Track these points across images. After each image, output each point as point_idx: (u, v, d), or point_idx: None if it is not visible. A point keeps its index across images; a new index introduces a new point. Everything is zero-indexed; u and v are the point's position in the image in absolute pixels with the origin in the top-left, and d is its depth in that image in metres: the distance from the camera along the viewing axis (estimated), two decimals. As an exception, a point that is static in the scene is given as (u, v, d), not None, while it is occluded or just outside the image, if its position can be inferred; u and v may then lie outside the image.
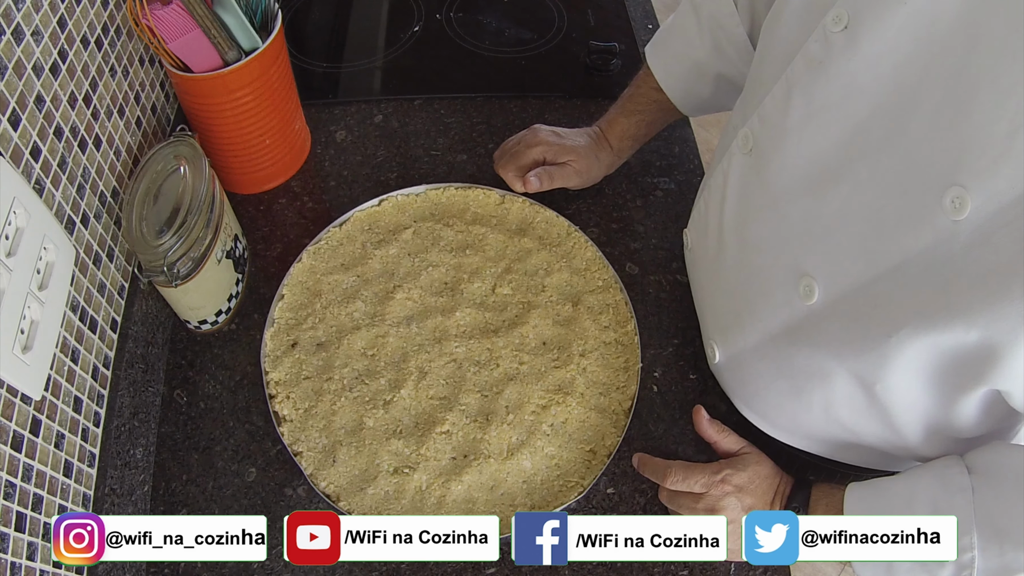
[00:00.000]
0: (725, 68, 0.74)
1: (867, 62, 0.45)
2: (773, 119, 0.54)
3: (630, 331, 0.75)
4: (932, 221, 0.43)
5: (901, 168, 0.44)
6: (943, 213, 0.42)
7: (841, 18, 0.47)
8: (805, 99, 0.50)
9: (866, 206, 0.47)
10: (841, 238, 0.50)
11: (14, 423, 0.49)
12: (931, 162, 0.43)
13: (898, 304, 0.47)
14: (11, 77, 0.52)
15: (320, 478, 0.66)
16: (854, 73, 0.46)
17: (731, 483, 0.61)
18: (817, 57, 0.49)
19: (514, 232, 0.82)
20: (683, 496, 0.63)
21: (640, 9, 1.11)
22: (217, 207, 0.70)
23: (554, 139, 0.82)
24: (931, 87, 0.42)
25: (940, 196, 0.42)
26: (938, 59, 0.42)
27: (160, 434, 0.70)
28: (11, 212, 0.49)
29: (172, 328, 0.76)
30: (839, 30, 0.47)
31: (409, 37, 1.04)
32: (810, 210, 0.52)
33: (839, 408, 0.58)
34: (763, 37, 0.60)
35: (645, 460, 0.67)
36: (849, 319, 0.51)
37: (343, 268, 0.79)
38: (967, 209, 0.41)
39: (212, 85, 0.73)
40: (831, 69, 0.48)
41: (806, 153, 0.51)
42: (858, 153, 0.47)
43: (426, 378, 0.71)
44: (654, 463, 0.66)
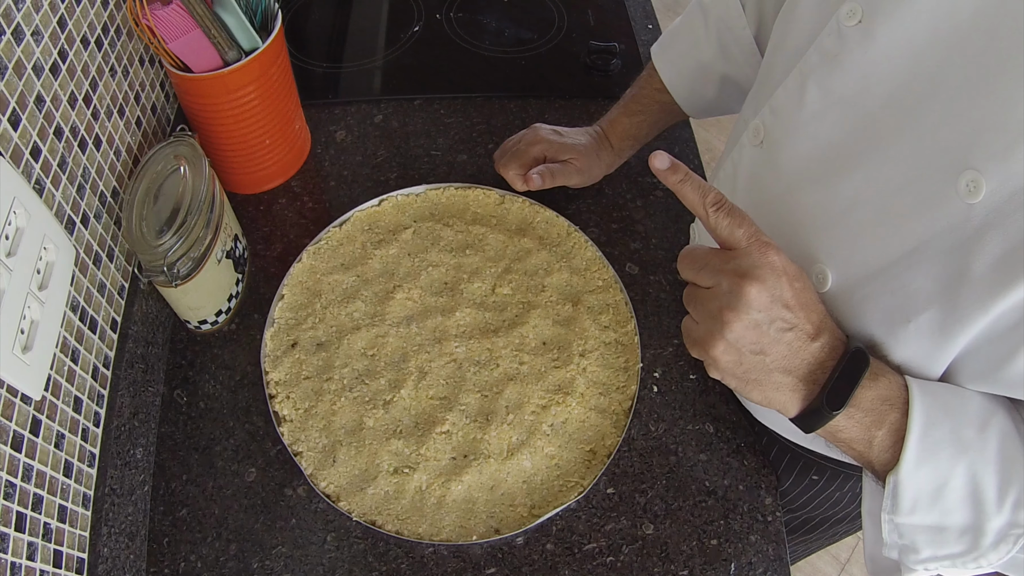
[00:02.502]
0: (731, 70, 0.74)
1: (883, 54, 0.45)
2: (786, 111, 0.54)
3: (630, 331, 0.75)
4: (946, 205, 0.43)
5: (915, 154, 0.44)
6: (957, 197, 0.42)
7: (855, 12, 0.46)
8: (820, 92, 0.50)
9: (879, 192, 0.47)
10: (854, 225, 0.49)
11: (14, 423, 0.49)
12: (946, 147, 0.43)
13: (914, 290, 0.46)
14: (11, 77, 0.52)
15: (320, 478, 0.66)
16: (869, 65, 0.46)
17: (778, 256, 0.46)
18: (831, 51, 0.49)
19: (514, 232, 0.82)
20: (712, 256, 0.48)
21: (640, 9, 1.11)
22: (217, 207, 0.70)
23: (555, 137, 0.82)
24: (948, 75, 0.42)
25: (955, 180, 0.42)
26: (956, 48, 0.42)
27: (160, 434, 0.70)
28: (11, 212, 0.49)
29: (172, 328, 0.76)
30: (853, 24, 0.47)
31: (409, 37, 1.04)
32: (822, 199, 0.52)
33: None
34: (776, 30, 0.60)
35: (679, 167, 0.48)
36: (864, 306, 0.50)
37: (343, 268, 0.79)
38: (982, 192, 0.40)
39: (212, 85, 0.73)
40: (846, 62, 0.48)
41: (819, 143, 0.51)
42: (872, 141, 0.47)
43: (426, 378, 0.71)
44: (696, 181, 0.48)
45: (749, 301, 0.45)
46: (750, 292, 0.45)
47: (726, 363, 0.48)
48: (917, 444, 0.45)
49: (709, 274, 0.47)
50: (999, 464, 0.45)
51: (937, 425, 0.46)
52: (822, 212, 0.52)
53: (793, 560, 0.99)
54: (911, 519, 0.47)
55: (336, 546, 0.65)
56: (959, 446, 0.45)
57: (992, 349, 0.45)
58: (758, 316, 0.46)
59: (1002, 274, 0.41)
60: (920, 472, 0.46)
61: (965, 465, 0.45)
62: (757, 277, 0.45)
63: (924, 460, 0.45)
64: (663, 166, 0.47)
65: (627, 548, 0.65)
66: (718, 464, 0.70)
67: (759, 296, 0.45)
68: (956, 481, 0.45)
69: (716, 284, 0.47)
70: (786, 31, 0.57)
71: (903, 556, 0.49)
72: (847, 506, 0.74)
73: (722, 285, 0.46)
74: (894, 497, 0.47)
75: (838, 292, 0.52)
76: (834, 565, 1.55)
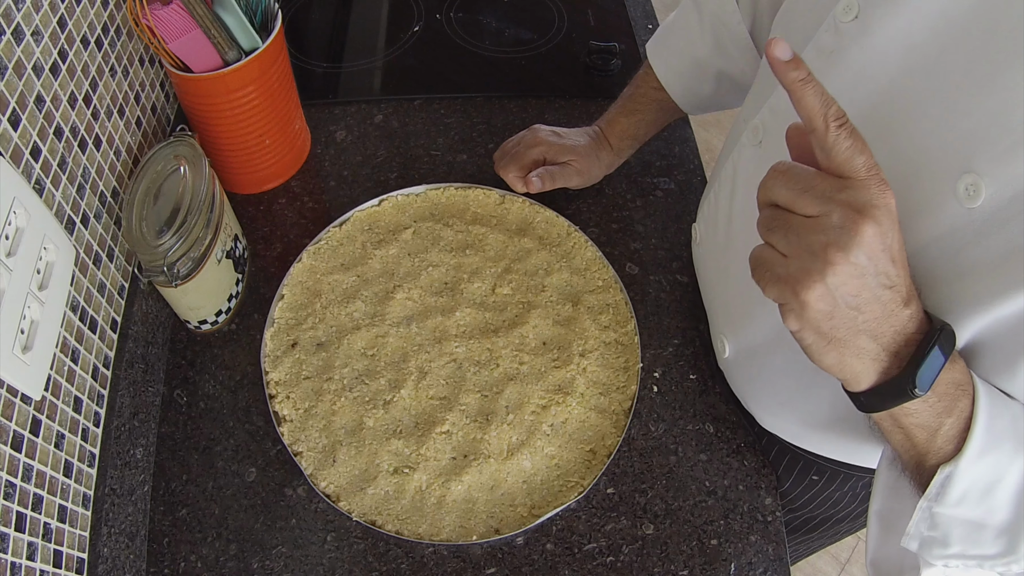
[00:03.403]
0: (726, 66, 0.74)
1: (880, 50, 0.45)
2: (784, 111, 0.54)
3: (630, 331, 0.75)
4: (945, 208, 0.42)
5: (914, 155, 0.44)
6: (957, 201, 0.41)
7: (851, 8, 0.46)
8: None
9: None
10: None
11: (14, 423, 0.49)
12: (944, 149, 0.42)
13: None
14: (11, 77, 0.52)
15: (320, 478, 0.66)
16: (866, 63, 0.46)
17: (894, 201, 0.40)
18: (828, 47, 0.48)
19: (514, 232, 0.82)
20: (821, 179, 0.40)
21: (640, 9, 1.11)
22: (217, 207, 0.70)
23: (554, 139, 0.82)
24: (945, 73, 0.42)
25: (954, 183, 0.41)
26: (954, 46, 0.41)
27: (160, 434, 0.70)
28: (11, 212, 0.49)
29: (172, 328, 0.76)
30: (850, 20, 0.46)
31: (409, 37, 1.04)
32: None
33: (849, 403, 0.57)
34: (775, 28, 0.60)
35: (801, 63, 0.40)
36: None
37: (343, 268, 0.79)
38: (981, 197, 0.40)
39: (212, 85, 0.73)
40: (843, 59, 0.47)
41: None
42: (870, 141, 0.47)
43: (426, 378, 0.71)
44: (819, 86, 0.40)
45: (862, 242, 0.38)
46: (866, 232, 0.38)
47: (816, 312, 0.40)
48: (983, 434, 0.42)
49: (816, 199, 0.39)
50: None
51: (1000, 416, 0.43)
52: None
53: (793, 560, 0.99)
54: (955, 511, 0.44)
55: (336, 546, 0.65)
56: (1019, 440, 0.42)
57: (992, 356, 0.45)
58: (866, 264, 0.39)
59: (1002, 279, 0.41)
60: (980, 463, 0.42)
61: (1021, 461, 0.42)
62: (874, 217, 0.38)
63: (987, 451, 0.42)
64: (784, 56, 0.39)
65: (627, 548, 0.65)
66: (718, 464, 0.70)
67: (873, 241, 0.38)
68: (1011, 477, 0.42)
69: (824, 213, 0.39)
70: (785, 29, 0.57)
71: (925, 549, 0.46)
72: (847, 506, 0.74)
73: (832, 217, 0.38)
74: (943, 486, 0.43)
75: None
76: (834, 565, 1.55)
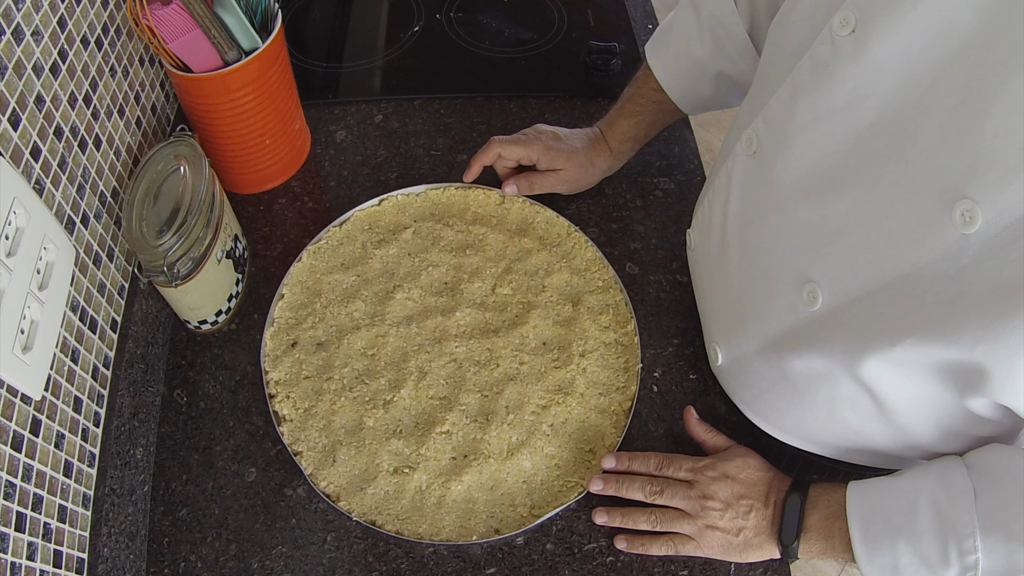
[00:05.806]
0: (726, 66, 0.74)
1: (875, 67, 0.44)
2: (777, 122, 0.54)
3: (630, 331, 0.75)
4: (941, 234, 0.42)
5: (909, 177, 0.44)
6: (952, 226, 0.41)
7: (848, 21, 0.45)
8: (810, 103, 0.49)
9: (872, 215, 0.47)
10: (846, 246, 0.49)
11: (14, 423, 0.49)
12: (941, 173, 0.42)
13: (903, 315, 0.46)
14: (11, 77, 0.52)
15: (320, 478, 0.66)
16: (861, 78, 0.45)
17: (718, 470, 0.62)
18: (823, 60, 0.48)
19: (514, 232, 0.82)
20: (676, 485, 0.63)
21: (640, 9, 1.11)
22: (217, 207, 0.70)
23: (553, 143, 0.82)
24: (942, 95, 0.41)
25: (950, 208, 0.41)
26: (951, 66, 0.40)
27: (160, 434, 0.70)
28: (11, 212, 0.49)
29: (172, 328, 0.76)
30: (846, 34, 0.46)
31: (409, 37, 1.04)
32: (814, 216, 0.51)
33: (844, 411, 0.58)
34: (770, 38, 0.59)
35: (622, 457, 0.66)
36: (853, 327, 0.50)
37: (343, 268, 0.79)
38: (977, 223, 0.40)
39: (212, 85, 0.73)
40: (837, 73, 0.47)
41: (810, 158, 0.51)
42: (864, 160, 0.47)
43: (426, 378, 0.71)
44: (633, 456, 0.66)
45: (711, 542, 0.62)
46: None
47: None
48: (862, 544, 0.53)
49: (678, 498, 0.63)
50: (933, 530, 0.50)
51: (871, 524, 0.53)
52: (814, 230, 0.51)
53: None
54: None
55: (336, 546, 0.65)
56: (894, 534, 0.52)
57: (993, 376, 0.44)
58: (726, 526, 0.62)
59: (998, 305, 0.41)
60: (874, 564, 0.53)
61: (903, 544, 0.51)
62: (714, 495, 0.62)
63: (872, 554, 0.53)
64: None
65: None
66: (718, 464, 0.70)
67: (720, 498, 0.62)
68: (903, 559, 0.51)
69: (686, 500, 0.63)
70: (780, 39, 0.56)
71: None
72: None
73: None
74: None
75: (827, 312, 0.52)
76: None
